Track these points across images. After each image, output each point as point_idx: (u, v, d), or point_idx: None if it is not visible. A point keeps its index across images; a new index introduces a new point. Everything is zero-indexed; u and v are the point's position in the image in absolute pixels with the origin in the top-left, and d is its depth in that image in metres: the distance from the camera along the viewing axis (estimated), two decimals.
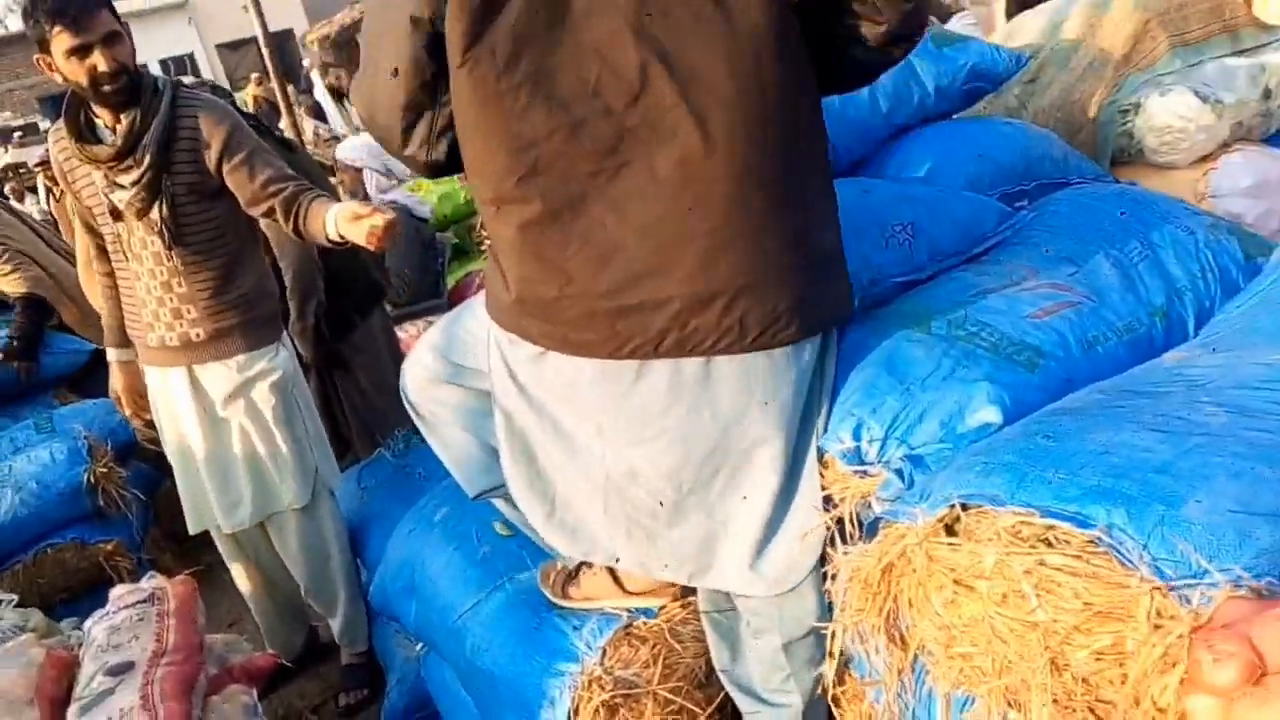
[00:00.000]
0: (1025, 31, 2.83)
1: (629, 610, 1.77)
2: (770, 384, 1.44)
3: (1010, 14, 5.92)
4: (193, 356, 2.41)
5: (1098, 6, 2.58)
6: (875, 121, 2.14)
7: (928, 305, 1.63)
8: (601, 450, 1.49)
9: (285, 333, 2.56)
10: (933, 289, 1.70)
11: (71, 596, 3.33)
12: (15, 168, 9.91)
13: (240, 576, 2.72)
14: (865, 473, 1.44)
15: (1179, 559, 0.93)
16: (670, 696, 1.66)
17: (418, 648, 2.34)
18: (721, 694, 1.72)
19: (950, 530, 1.14)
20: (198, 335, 2.37)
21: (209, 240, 2.35)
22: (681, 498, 1.48)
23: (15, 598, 2.70)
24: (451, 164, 1.47)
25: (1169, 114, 2.25)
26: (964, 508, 1.14)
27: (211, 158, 2.25)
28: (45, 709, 2.09)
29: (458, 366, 1.68)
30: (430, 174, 1.52)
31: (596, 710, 1.63)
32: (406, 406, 1.80)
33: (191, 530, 2.60)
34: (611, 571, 1.77)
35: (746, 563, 1.52)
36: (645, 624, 1.73)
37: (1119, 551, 0.97)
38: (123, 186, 2.29)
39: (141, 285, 2.41)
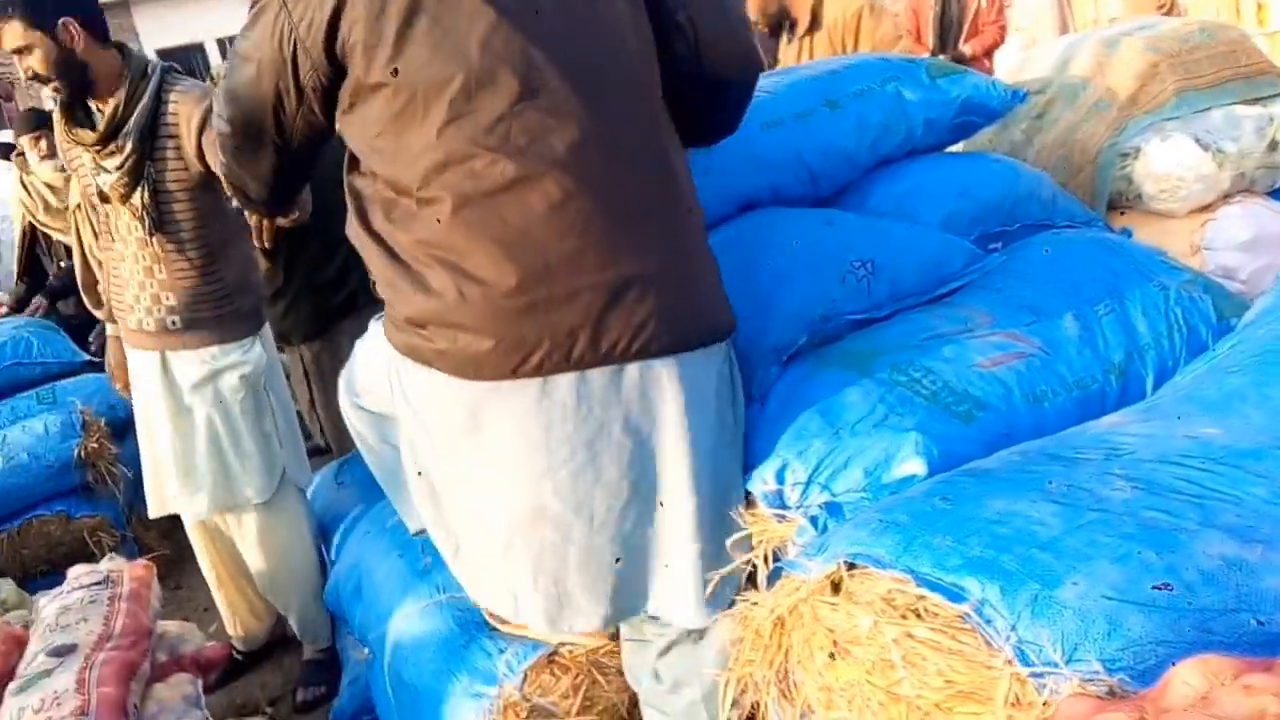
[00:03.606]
0: (1036, 65, 2.75)
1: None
2: (685, 393, 1.38)
3: None
4: (166, 343, 2.42)
5: (1109, 44, 2.50)
6: (859, 152, 2.08)
7: (875, 346, 1.58)
8: (506, 488, 1.40)
9: (265, 327, 2.56)
10: (884, 329, 1.65)
11: (52, 569, 3.37)
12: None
13: (206, 563, 2.73)
14: (784, 516, 1.40)
15: (1043, 644, 0.88)
16: None
17: (363, 650, 2.33)
18: None
19: (837, 589, 1.10)
20: (173, 323, 2.38)
21: (190, 230, 2.36)
22: (593, 533, 1.41)
23: None
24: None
25: (1168, 161, 2.17)
26: (851, 566, 1.10)
27: (190, 142, 2.25)
28: None
29: (365, 411, 1.65)
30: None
31: None
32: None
33: (152, 514, 2.62)
34: None
35: (667, 591, 1.46)
36: (570, 653, 1.70)
37: (985, 630, 0.92)
38: (108, 170, 2.31)
39: (126, 268, 2.43)
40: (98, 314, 2.75)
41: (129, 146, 2.22)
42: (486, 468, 1.40)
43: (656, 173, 1.39)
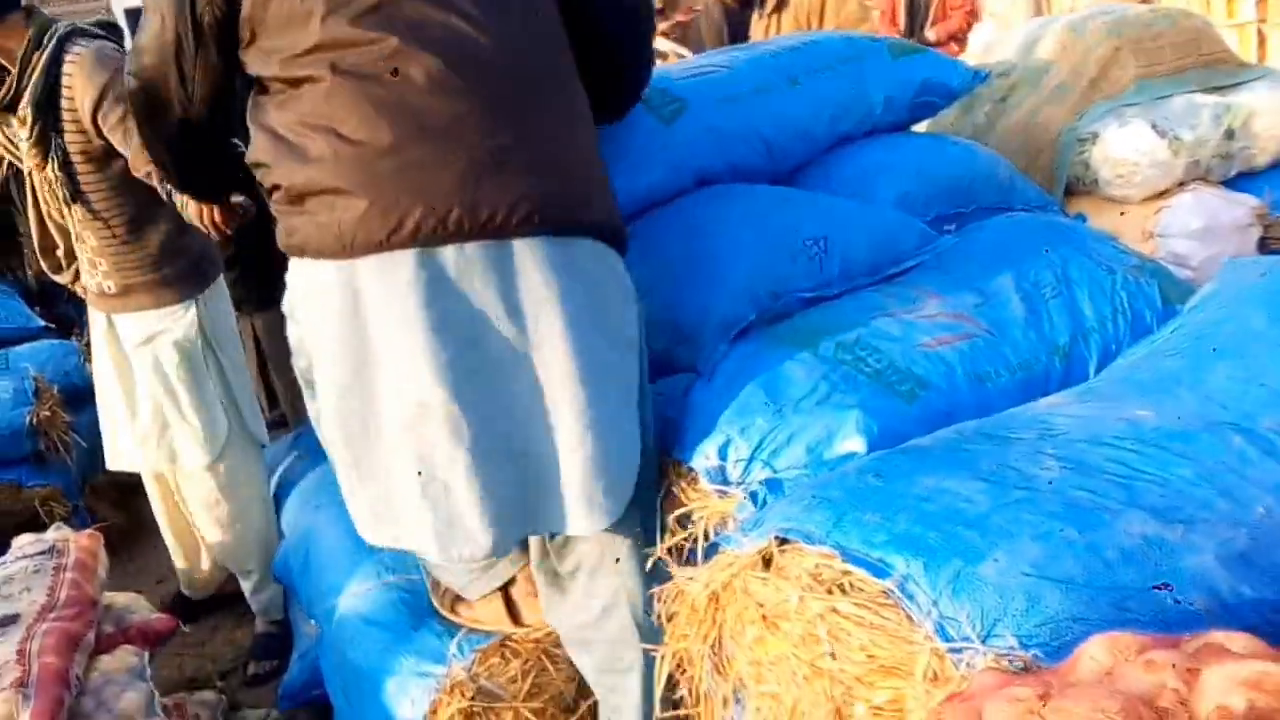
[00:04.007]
0: (1003, 48, 2.76)
1: None
2: (573, 280, 1.33)
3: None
4: (108, 306, 2.41)
5: (1073, 28, 2.51)
6: (818, 129, 2.07)
7: (823, 324, 1.58)
8: (390, 382, 1.32)
9: (208, 290, 2.50)
10: (834, 307, 1.65)
11: (1, 538, 3.32)
12: None
13: (160, 512, 2.72)
14: (725, 493, 1.40)
15: (963, 620, 0.89)
16: (535, 714, 1.61)
17: (314, 625, 2.31)
18: None
19: (769, 564, 1.10)
20: (109, 288, 2.36)
21: (106, 200, 2.33)
22: (481, 430, 1.31)
23: None
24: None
25: (1125, 147, 2.18)
26: (782, 542, 1.10)
27: (85, 116, 2.20)
28: None
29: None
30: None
31: (453, 716, 1.59)
32: None
33: (109, 466, 2.62)
34: (506, 599, 1.68)
35: (559, 502, 1.37)
36: (522, 638, 1.69)
37: (908, 606, 0.92)
38: (22, 140, 2.27)
39: (70, 232, 2.40)
40: (57, 278, 2.70)
41: (29, 117, 2.18)
42: (371, 364, 1.33)
43: (546, 70, 1.39)
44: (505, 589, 1.68)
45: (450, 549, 1.37)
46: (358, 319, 1.32)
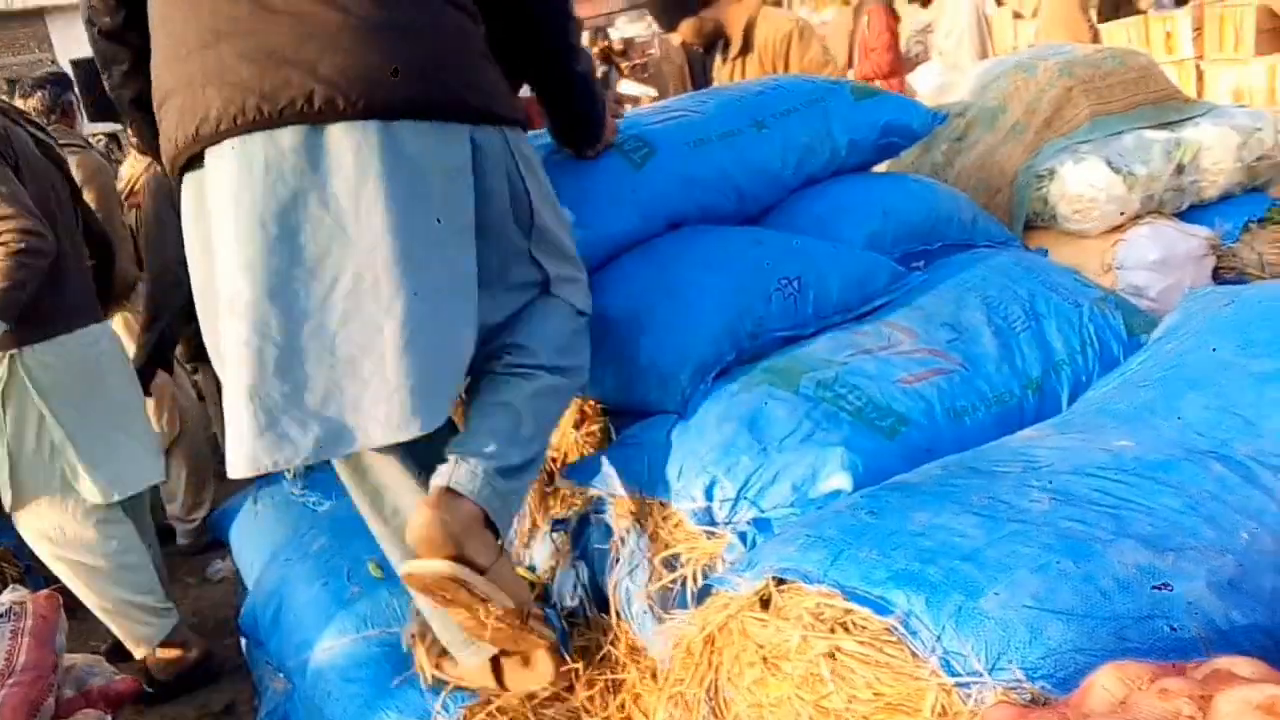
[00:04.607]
0: (957, 89, 2.82)
1: None
2: (403, 167, 1.27)
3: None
4: None
5: (1025, 69, 2.58)
6: (785, 171, 2.10)
7: (801, 363, 1.59)
8: (217, 279, 1.30)
9: (60, 347, 2.57)
10: (810, 346, 1.66)
11: None
12: None
13: None
14: (713, 533, 1.40)
15: (967, 654, 0.89)
16: None
17: (283, 679, 2.26)
18: None
19: (766, 604, 1.10)
20: None
21: None
22: (293, 325, 1.26)
23: None
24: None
25: (1081, 183, 2.24)
26: (779, 582, 1.10)
27: None
28: None
29: None
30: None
31: None
32: None
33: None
34: (495, 664, 1.62)
35: (392, 400, 1.29)
36: (509, 696, 1.65)
37: (911, 642, 0.93)
38: None
39: None
40: None
41: None
42: (209, 264, 1.34)
43: None
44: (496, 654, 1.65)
45: (269, 455, 1.29)
46: (201, 215, 1.35)
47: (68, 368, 2.60)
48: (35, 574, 3.28)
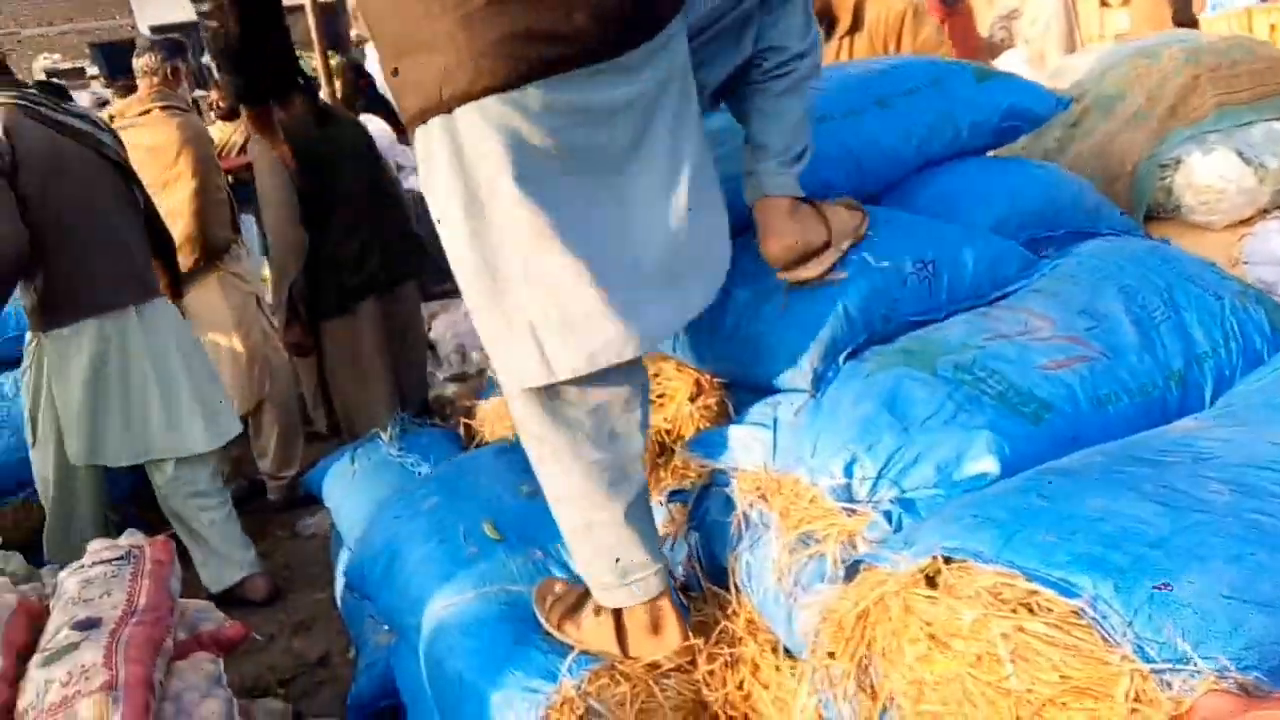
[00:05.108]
0: (1071, 74, 2.77)
1: None
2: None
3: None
4: None
5: (1148, 56, 2.53)
6: (907, 151, 2.09)
7: (937, 346, 1.58)
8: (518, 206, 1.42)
9: (55, 330, 2.92)
10: (944, 329, 1.65)
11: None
12: None
13: None
14: (853, 511, 1.40)
15: (1164, 641, 0.89)
16: None
17: (388, 633, 2.31)
18: None
19: (931, 582, 1.10)
20: None
21: None
22: (602, 244, 1.46)
23: None
24: None
25: (1210, 173, 2.19)
26: (947, 560, 1.10)
27: None
28: (9, 655, 2.08)
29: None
30: None
31: None
32: None
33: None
34: (618, 627, 1.67)
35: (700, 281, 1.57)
36: (632, 664, 1.68)
37: (1102, 626, 0.92)
38: None
39: None
40: None
41: None
42: (477, 207, 1.44)
43: None
44: (619, 615, 1.67)
45: (598, 358, 1.47)
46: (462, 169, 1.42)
47: (77, 352, 2.92)
48: (133, 521, 3.39)
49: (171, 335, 3.07)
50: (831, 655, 1.20)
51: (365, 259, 3.22)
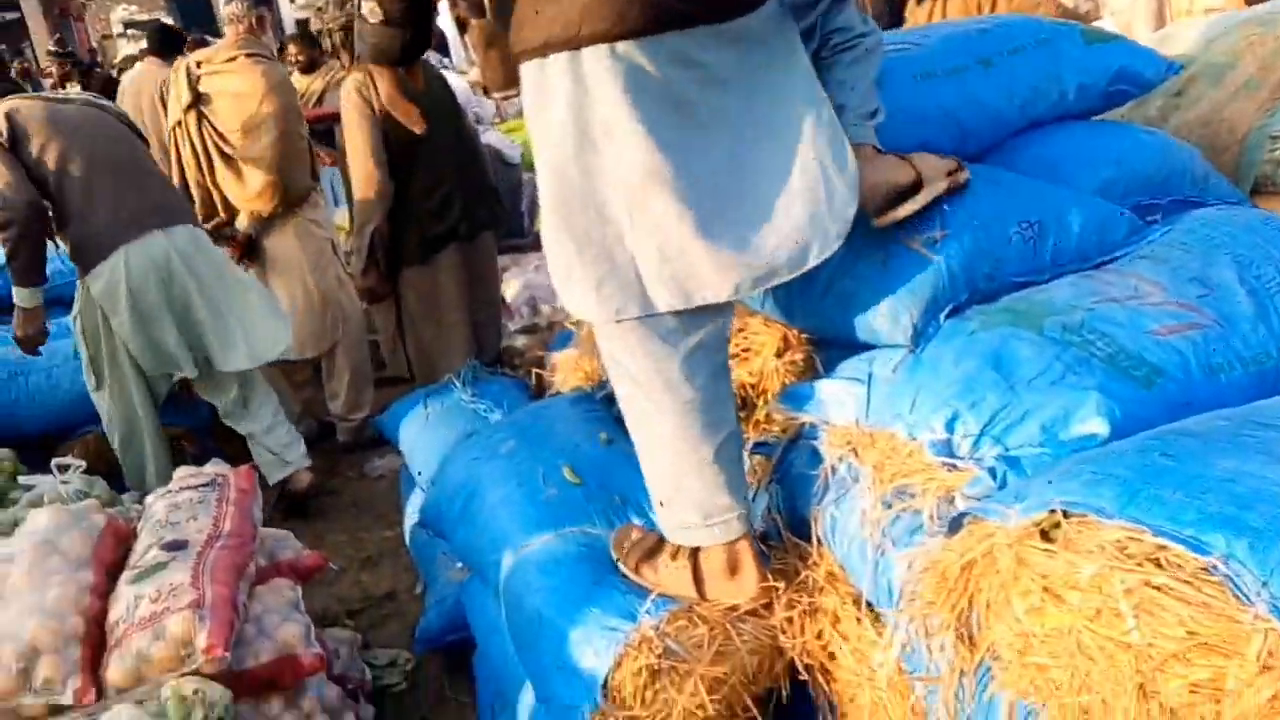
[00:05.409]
0: (1177, 42, 2.68)
1: None
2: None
3: None
4: None
5: (1262, 24, 2.43)
6: (1010, 112, 2.04)
7: (1043, 306, 1.55)
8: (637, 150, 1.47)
9: (89, 275, 3.16)
10: (1050, 290, 1.62)
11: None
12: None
13: None
14: (954, 466, 1.39)
15: None
16: (716, 683, 1.61)
17: (460, 570, 2.35)
18: (769, 694, 1.67)
19: (1045, 536, 1.09)
20: None
21: None
22: (704, 190, 1.50)
23: (83, 464, 2.78)
24: None
25: None
26: (1065, 515, 1.08)
27: None
28: (100, 571, 2.15)
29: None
30: None
31: (639, 671, 1.59)
32: None
33: None
34: (695, 571, 1.69)
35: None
36: (709, 606, 1.69)
37: (1235, 584, 0.91)
38: None
39: None
40: None
41: None
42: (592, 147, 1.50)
43: None
44: (696, 559, 1.68)
45: (695, 295, 1.52)
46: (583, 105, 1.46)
47: (121, 282, 3.14)
48: (211, 451, 3.48)
49: (206, 256, 3.31)
50: (931, 605, 1.19)
51: (447, 209, 3.25)
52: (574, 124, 1.45)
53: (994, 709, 1.18)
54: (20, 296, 3.12)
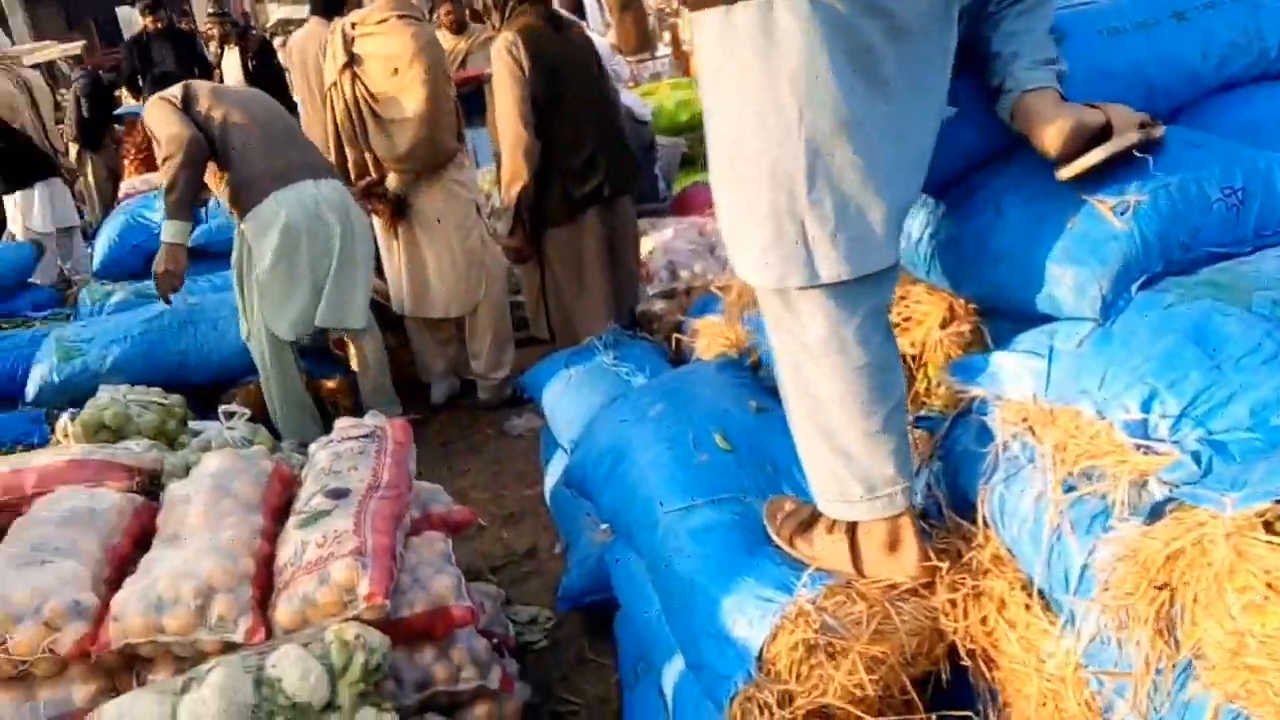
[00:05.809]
0: None
1: None
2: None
3: None
4: None
5: None
6: (1204, 69, 1.88)
7: (1250, 280, 1.44)
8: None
9: (248, 219, 3.45)
10: (1255, 263, 1.50)
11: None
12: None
13: None
14: (1149, 449, 1.30)
15: None
16: (874, 662, 1.57)
17: (604, 531, 2.37)
18: (926, 677, 1.62)
19: (1269, 528, 1.01)
20: None
21: None
22: (887, 149, 1.48)
23: (248, 412, 2.92)
24: None
25: None
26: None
27: None
28: (268, 515, 2.25)
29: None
30: None
31: (795, 645, 1.57)
32: None
33: None
34: (853, 545, 1.65)
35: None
36: (868, 583, 1.65)
37: None
38: None
39: None
40: None
41: None
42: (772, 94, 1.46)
43: None
44: (854, 533, 1.64)
45: (867, 262, 1.49)
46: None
47: (273, 222, 3.40)
48: (363, 407, 3.62)
49: (349, 210, 3.58)
50: (1129, 596, 1.13)
51: (591, 170, 3.26)
52: (758, 73, 1.42)
53: (1193, 711, 1.11)
54: (168, 231, 3.35)
